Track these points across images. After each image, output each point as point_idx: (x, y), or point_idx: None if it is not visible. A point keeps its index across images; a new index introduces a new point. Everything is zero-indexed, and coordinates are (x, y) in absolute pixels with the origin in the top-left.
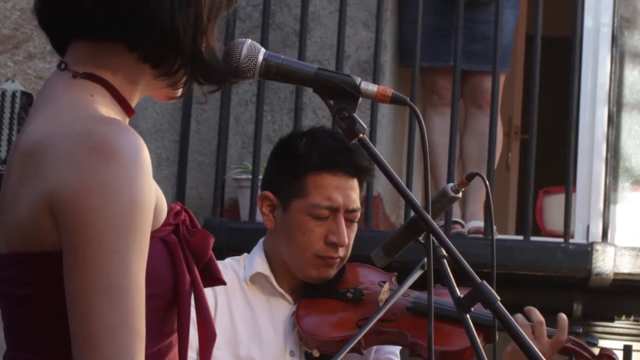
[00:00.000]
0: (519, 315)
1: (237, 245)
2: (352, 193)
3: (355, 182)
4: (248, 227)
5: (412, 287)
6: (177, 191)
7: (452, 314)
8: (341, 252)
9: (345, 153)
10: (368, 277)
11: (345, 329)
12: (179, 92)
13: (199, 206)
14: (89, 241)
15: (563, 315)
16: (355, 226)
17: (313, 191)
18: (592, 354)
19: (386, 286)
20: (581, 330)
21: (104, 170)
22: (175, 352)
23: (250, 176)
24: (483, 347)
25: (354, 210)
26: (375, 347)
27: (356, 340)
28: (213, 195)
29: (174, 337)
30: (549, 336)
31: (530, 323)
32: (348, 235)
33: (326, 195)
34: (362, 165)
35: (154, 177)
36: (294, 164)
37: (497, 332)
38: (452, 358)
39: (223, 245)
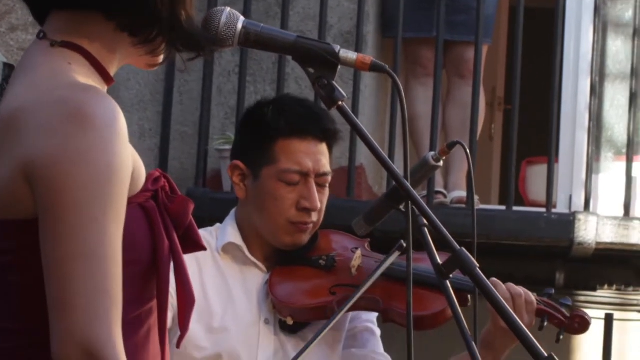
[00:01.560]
0: (502, 288)
1: (220, 215)
2: (322, 157)
3: (324, 147)
4: (231, 197)
5: (384, 251)
6: (160, 162)
7: (426, 279)
8: (314, 217)
9: (313, 118)
10: (340, 243)
11: (319, 296)
12: (159, 59)
13: (182, 177)
14: (64, 208)
15: (511, 284)
16: (326, 191)
17: (283, 157)
18: (564, 314)
19: (358, 252)
20: (553, 292)
21: (80, 137)
22: (155, 318)
23: None
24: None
25: (324, 174)
26: (350, 316)
27: (337, 319)
28: (196, 166)
29: (154, 303)
30: None
31: (509, 296)
32: (320, 200)
33: (296, 161)
34: (330, 129)
35: (137, 148)
36: (263, 132)
37: (476, 298)
38: (427, 322)
39: (206, 216)
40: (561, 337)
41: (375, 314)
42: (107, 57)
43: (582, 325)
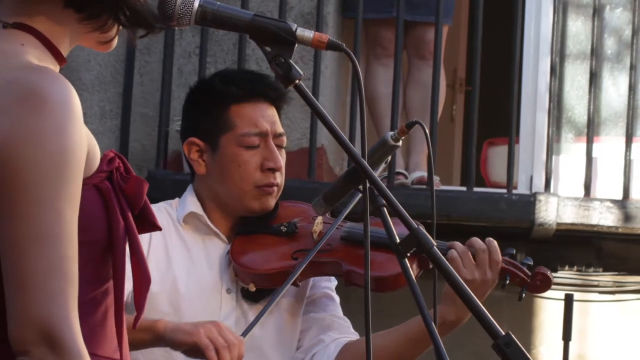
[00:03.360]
0: (457, 244)
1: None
2: (276, 119)
3: (274, 110)
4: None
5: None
6: (121, 144)
7: (386, 241)
8: (278, 178)
9: (261, 81)
10: (301, 211)
11: (282, 262)
12: (109, 37)
13: (143, 159)
14: (19, 189)
15: (491, 239)
16: (284, 152)
17: (239, 122)
18: (526, 273)
19: (319, 219)
20: (515, 251)
21: (35, 119)
22: (111, 298)
23: None
24: (418, 275)
25: (281, 135)
26: (311, 283)
27: (295, 277)
28: (157, 148)
29: (110, 284)
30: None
31: (471, 249)
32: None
33: (253, 123)
34: (280, 90)
35: (98, 129)
36: (215, 102)
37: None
38: (388, 284)
39: (168, 197)
40: (523, 295)
41: (335, 282)
42: (59, 37)
43: (544, 282)
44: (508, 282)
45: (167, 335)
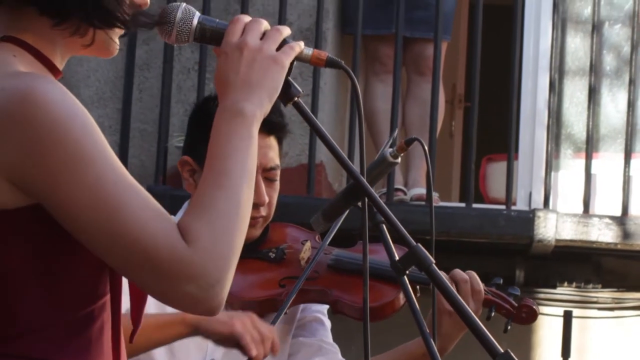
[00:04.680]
0: (456, 270)
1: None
2: (269, 151)
3: (272, 140)
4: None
5: (338, 245)
6: (120, 160)
7: (374, 270)
8: (263, 211)
9: None
10: (291, 236)
11: (268, 289)
12: (87, 41)
13: (142, 174)
14: (65, 177)
15: (470, 271)
16: (276, 185)
17: None
18: (512, 304)
19: (308, 244)
20: (501, 281)
21: (41, 116)
22: (108, 313)
23: None
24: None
25: (272, 169)
26: (301, 307)
27: (285, 310)
28: (155, 164)
29: (107, 299)
30: None
31: (453, 280)
32: (268, 194)
33: None
34: (276, 122)
35: None
36: (209, 126)
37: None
38: (376, 313)
39: None
40: (509, 327)
41: (326, 306)
42: (48, 48)
43: (530, 315)
44: (493, 313)
45: (201, 324)
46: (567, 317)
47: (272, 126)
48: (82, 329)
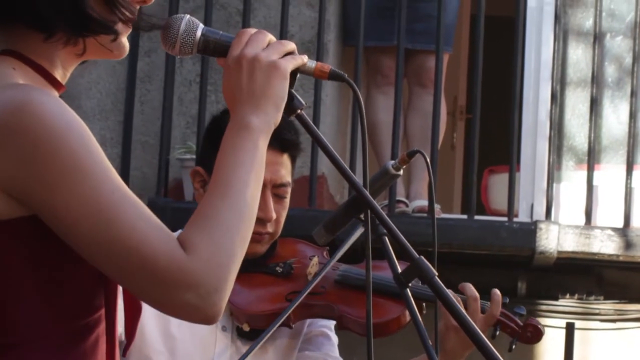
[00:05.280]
0: (467, 285)
1: (182, 225)
2: (281, 168)
3: (284, 157)
4: (192, 207)
5: (344, 260)
6: (122, 172)
7: (380, 286)
8: (269, 227)
9: None
10: (299, 251)
11: (275, 303)
12: (79, 50)
13: (143, 186)
14: (61, 187)
15: (497, 291)
16: (285, 202)
17: None
18: (517, 323)
19: (315, 259)
20: (507, 300)
21: (37, 127)
22: (103, 326)
23: (194, 156)
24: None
25: (282, 185)
26: (308, 321)
27: (285, 315)
28: (157, 176)
29: (102, 312)
30: (483, 310)
31: (462, 296)
32: (277, 210)
33: None
34: (289, 140)
35: None
36: (221, 139)
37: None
38: (381, 329)
39: (167, 225)
40: (513, 346)
41: (333, 321)
42: (48, 61)
43: (535, 334)
44: (498, 332)
45: None
46: (569, 329)
47: (286, 144)
48: (77, 341)
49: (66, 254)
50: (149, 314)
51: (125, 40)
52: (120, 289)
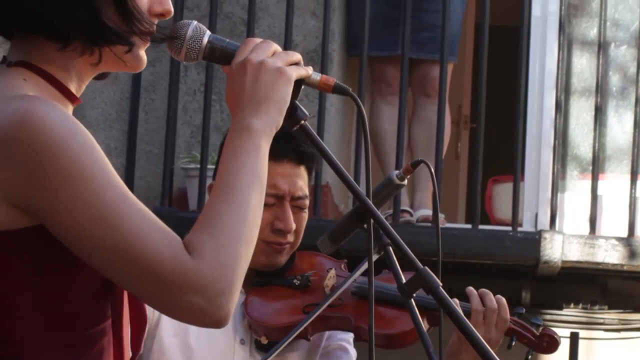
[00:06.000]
0: (475, 299)
1: (186, 234)
2: (299, 180)
3: (301, 170)
4: (197, 216)
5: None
6: (126, 181)
7: (395, 297)
8: (290, 238)
9: (289, 141)
10: (317, 264)
11: (292, 315)
12: (94, 60)
13: (148, 196)
14: (64, 193)
15: (500, 297)
16: (305, 213)
17: None
18: (533, 334)
19: (332, 272)
20: (524, 311)
21: (40, 136)
22: (109, 338)
23: (198, 166)
24: (428, 330)
25: (300, 198)
26: (326, 334)
27: (302, 327)
28: (162, 185)
29: (108, 323)
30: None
31: (482, 308)
32: (296, 221)
33: (271, 183)
34: (307, 152)
35: None
36: None
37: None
38: (397, 341)
39: None
40: (530, 356)
41: (352, 334)
42: (62, 73)
43: (551, 344)
44: (514, 342)
45: None
46: (574, 339)
47: (303, 156)
48: (81, 351)
49: (70, 264)
50: (167, 325)
51: (142, 53)
52: (125, 301)
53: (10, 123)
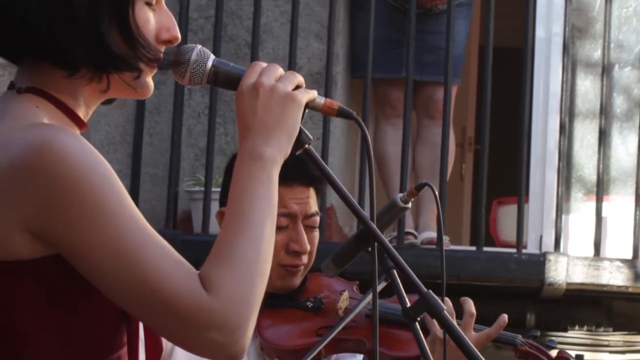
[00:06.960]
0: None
1: (191, 257)
2: (309, 200)
3: (310, 191)
4: (201, 239)
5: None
6: None
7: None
8: (304, 259)
9: (297, 165)
10: (329, 286)
11: (305, 338)
12: (103, 87)
13: (152, 219)
14: (84, 226)
15: (504, 316)
16: (316, 232)
17: None
18: (549, 356)
19: (345, 294)
20: (539, 333)
21: (60, 167)
22: None
23: (203, 188)
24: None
25: (312, 215)
26: (334, 357)
27: (316, 351)
28: (166, 208)
29: (123, 351)
30: (479, 330)
31: (458, 322)
32: (309, 242)
33: (282, 204)
34: (316, 175)
35: None
36: None
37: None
38: None
39: None
40: None
41: (360, 356)
42: (70, 99)
43: None
44: None
45: None
46: None
47: (312, 179)
48: None
49: (87, 293)
50: (181, 353)
51: (149, 80)
52: (141, 330)
53: (30, 152)
